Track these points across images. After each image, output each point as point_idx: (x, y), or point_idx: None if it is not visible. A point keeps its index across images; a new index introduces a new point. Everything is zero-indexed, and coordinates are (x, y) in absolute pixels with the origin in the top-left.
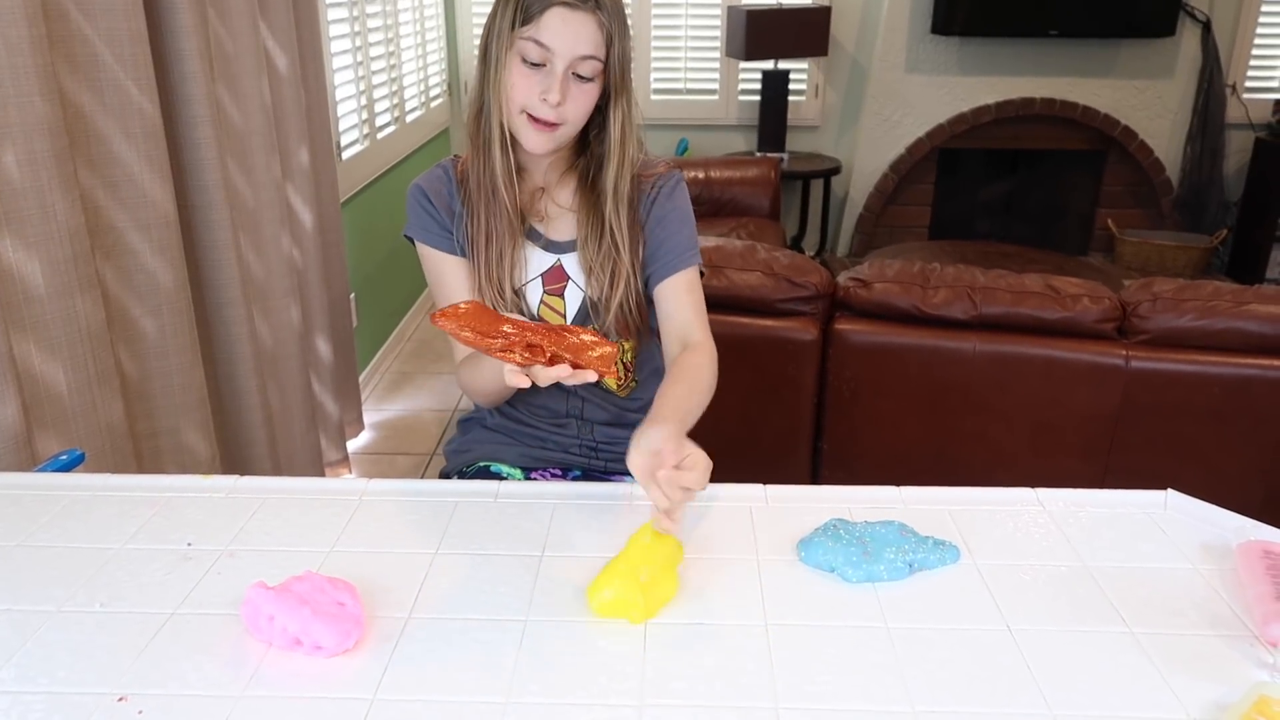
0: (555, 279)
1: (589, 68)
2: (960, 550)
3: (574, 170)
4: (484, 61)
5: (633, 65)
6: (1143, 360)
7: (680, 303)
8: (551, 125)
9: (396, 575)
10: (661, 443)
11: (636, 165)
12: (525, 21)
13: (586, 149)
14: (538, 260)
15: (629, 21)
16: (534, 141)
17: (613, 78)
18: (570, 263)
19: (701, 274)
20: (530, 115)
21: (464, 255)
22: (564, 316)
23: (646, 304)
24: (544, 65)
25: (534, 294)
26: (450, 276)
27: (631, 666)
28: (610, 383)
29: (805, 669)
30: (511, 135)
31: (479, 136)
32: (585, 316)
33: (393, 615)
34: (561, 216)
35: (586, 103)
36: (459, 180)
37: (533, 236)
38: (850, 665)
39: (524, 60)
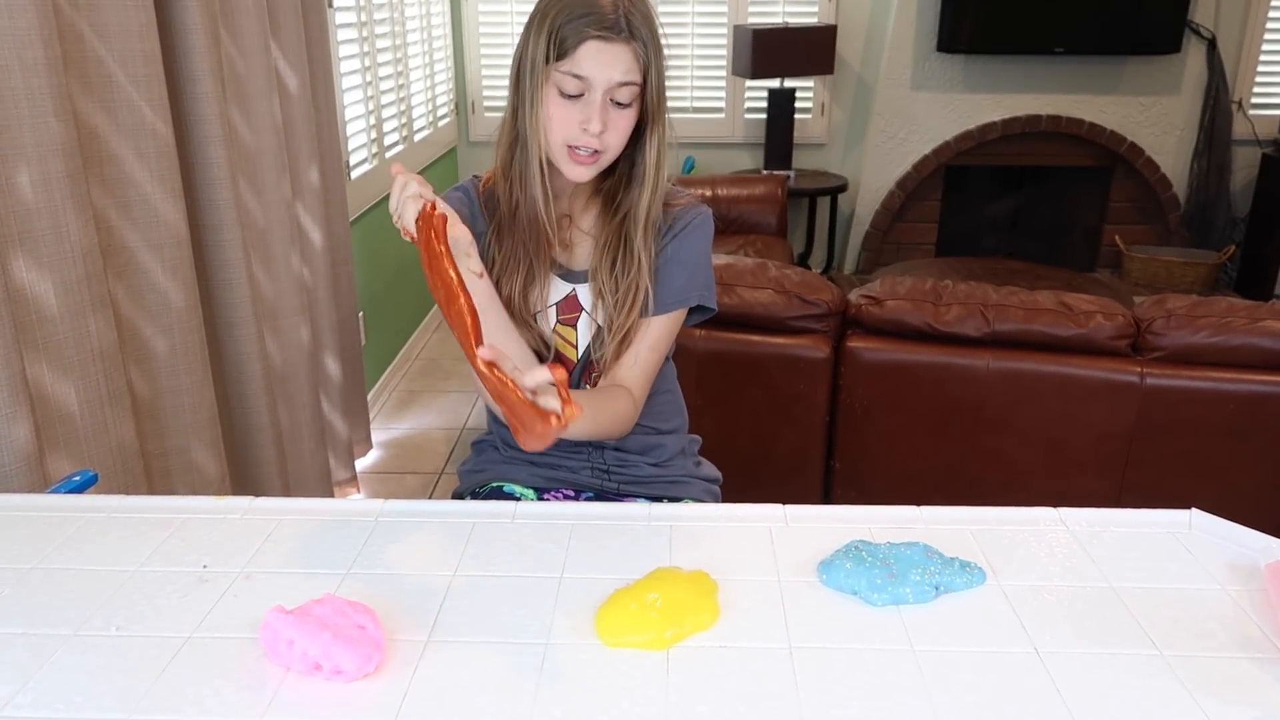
0: (569, 309)
1: (626, 93)
2: (986, 572)
3: (598, 194)
4: (517, 92)
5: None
6: (1157, 377)
7: (634, 350)
8: (594, 155)
9: (415, 597)
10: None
11: (667, 191)
12: (560, 56)
13: (613, 171)
14: (555, 289)
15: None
16: (576, 172)
17: (649, 102)
18: (584, 293)
19: (711, 310)
20: (571, 147)
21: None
22: (575, 347)
23: None
24: (581, 95)
25: (546, 324)
26: None
27: (655, 691)
28: None
29: (831, 693)
30: (547, 165)
31: (513, 169)
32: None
33: (412, 638)
34: (582, 243)
35: (626, 127)
36: (482, 201)
37: (552, 265)
38: (877, 690)
39: (561, 93)
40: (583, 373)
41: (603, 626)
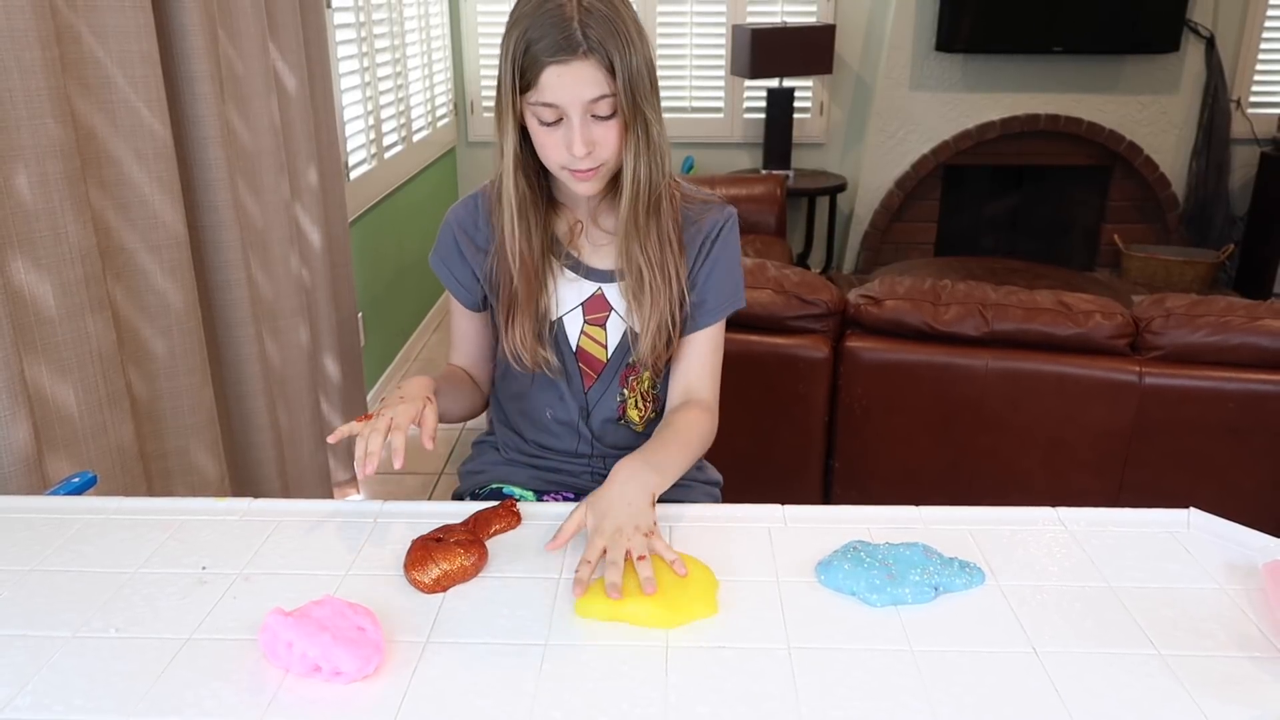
0: (596, 308)
1: (604, 106)
2: (985, 572)
3: (615, 193)
4: (499, 124)
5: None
6: (1156, 376)
7: (698, 360)
8: (593, 170)
9: (413, 598)
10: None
11: (658, 190)
12: (526, 88)
13: None
14: (578, 290)
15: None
16: (584, 188)
17: (622, 107)
18: (612, 292)
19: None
20: (569, 168)
21: (478, 298)
22: (605, 348)
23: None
24: (561, 120)
25: (574, 325)
26: (458, 322)
27: (654, 691)
28: (633, 415)
29: (830, 693)
30: (536, 179)
31: (496, 197)
32: (626, 349)
33: (411, 639)
34: (609, 243)
35: (614, 138)
36: (488, 209)
37: (573, 266)
38: (876, 690)
39: (541, 122)
40: (617, 375)
41: (584, 603)
